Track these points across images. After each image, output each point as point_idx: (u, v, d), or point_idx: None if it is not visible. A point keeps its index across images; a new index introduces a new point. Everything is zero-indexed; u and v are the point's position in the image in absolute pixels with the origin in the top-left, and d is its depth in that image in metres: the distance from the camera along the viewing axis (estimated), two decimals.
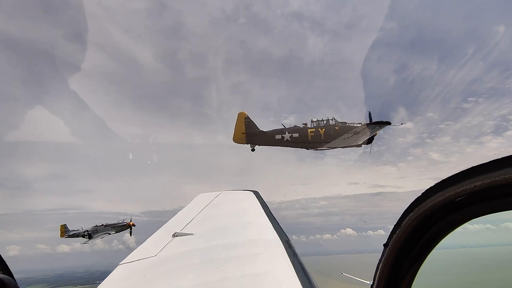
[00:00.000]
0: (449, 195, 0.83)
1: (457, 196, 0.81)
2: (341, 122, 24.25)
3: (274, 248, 2.78)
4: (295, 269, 2.31)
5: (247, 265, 2.49)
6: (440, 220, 0.90)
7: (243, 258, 2.66)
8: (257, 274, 2.32)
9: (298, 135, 23.92)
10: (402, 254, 0.98)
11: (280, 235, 3.08)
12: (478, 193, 0.78)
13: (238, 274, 2.34)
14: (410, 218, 0.93)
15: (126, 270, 2.78)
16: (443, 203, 0.85)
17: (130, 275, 2.68)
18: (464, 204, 0.83)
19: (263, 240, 3.00)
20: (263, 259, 2.58)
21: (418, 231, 0.94)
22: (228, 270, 2.43)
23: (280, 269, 2.34)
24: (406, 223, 0.94)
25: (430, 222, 0.91)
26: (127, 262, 2.93)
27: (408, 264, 0.99)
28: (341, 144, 24.31)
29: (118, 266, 2.87)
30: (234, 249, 2.92)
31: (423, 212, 0.90)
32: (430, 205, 0.87)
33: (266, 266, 2.43)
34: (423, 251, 0.97)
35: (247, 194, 5.23)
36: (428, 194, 0.88)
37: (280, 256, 2.59)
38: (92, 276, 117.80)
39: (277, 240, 2.95)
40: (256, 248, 2.85)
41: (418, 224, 0.92)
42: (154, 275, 2.61)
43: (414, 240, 0.96)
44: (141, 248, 3.30)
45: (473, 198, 0.80)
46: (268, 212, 3.98)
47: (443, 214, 0.88)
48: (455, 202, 0.83)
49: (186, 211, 4.60)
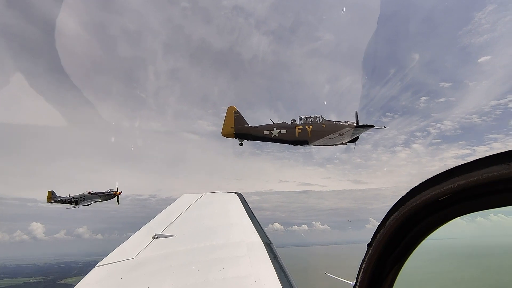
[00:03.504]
0: (434, 194, 0.84)
1: (442, 195, 0.83)
2: (328, 121, 24.59)
3: (256, 250, 2.76)
4: (276, 272, 2.29)
5: (229, 268, 2.45)
6: (424, 219, 0.91)
7: (225, 261, 2.61)
8: (238, 277, 2.29)
9: (286, 131, 24.18)
10: (386, 253, 0.99)
11: (262, 238, 3.06)
12: (462, 191, 0.80)
13: (220, 277, 2.29)
14: (394, 218, 0.94)
15: (103, 273, 2.66)
16: (427, 202, 0.86)
17: (106, 277, 2.57)
18: (447, 203, 0.85)
19: (245, 243, 2.97)
20: (245, 262, 2.55)
21: (401, 231, 0.95)
22: (209, 273, 2.38)
23: (262, 272, 2.32)
24: (390, 222, 0.94)
25: (413, 221, 0.92)
26: (103, 264, 2.81)
27: (391, 263, 1.00)
28: (326, 143, 24.83)
29: (94, 268, 2.74)
30: (215, 251, 2.87)
31: (407, 211, 0.91)
32: (414, 204, 0.88)
33: (248, 269, 2.39)
34: (406, 250, 0.98)
35: (230, 196, 5.20)
36: (412, 194, 0.89)
37: (262, 258, 2.57)
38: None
39: (259, 243, 2.93)
40: (238, 250, 2.81)
41: (402, 224, 0.93)
42: (131, 278, 2.52)
43: (397, 240, 0.97)
44: (119, 249, 3.18)
45: (457, 197, 0.82)
46: (251, 215, 3.96)
47: (427, 213, 0.89)
48: (439, 201, 0.85)
49: (167, 212, 4.49)
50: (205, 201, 5.06)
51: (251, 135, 24.64)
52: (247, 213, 4.03)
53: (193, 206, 4.73)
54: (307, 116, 24.67)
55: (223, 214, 4.28)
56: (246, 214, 4.01)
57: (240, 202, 4.68)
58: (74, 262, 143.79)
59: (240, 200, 4.81)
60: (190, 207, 4.65)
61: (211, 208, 4.65)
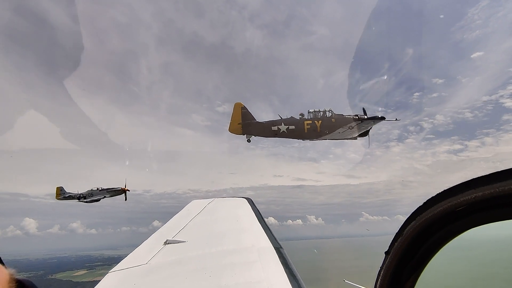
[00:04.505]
0: (451, 205, 0.86)
1: (458, 206, 0.85)
2: (337, 115, 24.04)
3: (267, 256, 2.77)
4: (288, 277, 2.30)
5: (241, 273, 2.47)
6: (441, 229, 0.93)
7: (236, 266, 2.63)
8: (251, 282, 2.30)
9: (294, 127, 23.72)
10: (403, 261, 1.01)
11: (273, 243, 3.07)
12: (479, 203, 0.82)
13: (232, 283, 2.31)
14: (412, 227, 0.96)
15: (116, 278, 2.71)
16: (444, 213, 0.88)
17: (120, 283, 2.61)
18: (463, 214, 0.87)
19: (256, 248, 2.98)
20: (257, 267, 2.56)
21: (419, 239, 0.97)
22: (221, 279, 2.40)
23: (274, 277, 2.33)
24: (408, 231, 0.97)
25: (431, 231, 0.94)
26: (117, 270, 2.86)
27: (409, 271, 1.01)
28: (336, 137, 24.34)
29: (108, 273, 2.79)
30: (227, 257, 2.89)
31: (425, 221, 0.93)
32: (431, 214, 0.90)
33: (259, 275, 2.41)
34: (424, 259, 1.00)
35: (240, 201, 5.21)
36: (430, 204, 0.92)
37: (273, 264, 2.58)
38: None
39: (270, 248, 2.94)
40: (250, 256, 2.82)
41: (420, 233, 0.95)
42: (145, 283, 2.55)
43: (415, 248, 0.99)
44: (132, 255, 3.22)
45: (473, 208, 0.84)
46: (261, 220, 3.97)
47: (445, 222, 0.91)
48: (456, 212, 0.87)
49: (178, 218, 4.53)
50: (215, 206, 5.09)
51: (258, 131, 24.21)
52: (257, 218, 4.04)
53: (203, 211, 4.77)
54: (316, 110, 24.15)
55: (233, 219, 4.30)
56: (256, 219, 4.02)
57: (250, 207, 4.70)
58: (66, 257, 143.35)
59: (250, 205, 4.83)
60: (200, 213, 4.68)
61: (221, 214, 4.68)
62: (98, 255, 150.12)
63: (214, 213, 4.70)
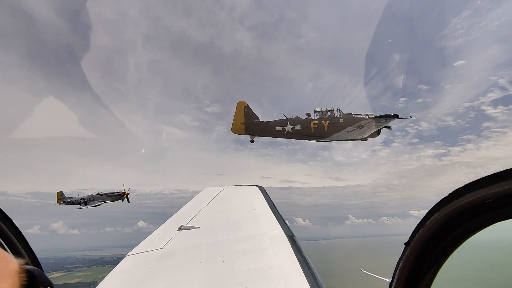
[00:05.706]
0: (480, 197, 0.82)
1: (488, 197, 0.81)
2: (346, 114, 23.10)
3: (279, 243, 2.79)
4: (300, 264, 2.31)
5: (253, 259, 2.50)
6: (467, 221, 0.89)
7: (248, 253, 2.66)
8: (263, 268, 2.33)
9: (300, 127, 22.89)
10: (424, 253, 0.98)
11: (285, 231, 3.08)
12: (509, 196, 0.77)
13: (244, 268, 2.35)
14: (435, 218, 0.92)
15: (133, 262, 2.80)
16: (472, 204, 0.84)
17: (137, 266, 2.70)
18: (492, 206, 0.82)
19: (268, 235, 3.01)
20: (269, 254, 2.58)
21: (442, 231, 0.93)
22: (234, 264, 2.44)
23: (286, 264, 2.35)
24: (431, 222, 0.93)
25: (456, 223, 0.91)
26: (133, 254, 2.95)
27: (430, 263, 0.99)
28: (344, 137, 23.36)
29: (125, 257, 2.89)
30: (239, 243, 2.93)
31: (449, 212, 0.89)
32: (457, 206, 0.87)
33: (271, 261, 2.43)
34: (446, 251, 0.97)
35: (252, 189, 5.25)
36: (456, 195, 0.88)
37: (285, 251, 2.60)
38: None
39: (282, 236, 2.96)
40: (262, 243, 2.85)
41: (443, 224, 0.91)
42: (160, 267, 2.63)
43: (437, 240, 0.96)
44: (148, 240, 3.32)
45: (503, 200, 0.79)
46: (273, 207, 3.99)
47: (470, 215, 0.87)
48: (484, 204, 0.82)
49: (191, 205, 4.62)
50: (228, 194, 5.15)
51: (263, 131, 23.37)
52: (269, 206, 4.07)
53: (216, 198, 4.83)
54: (323, 110, 23.20)
55: (246, 206, 4.34)
56: (268, 207, 4.05)
57: (262, 195, 4.73)
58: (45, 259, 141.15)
59: (262, 193, 4.85)
60: (213, 200, 4.75)
61: (234, 201, 4.73)
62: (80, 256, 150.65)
63: (227, 201, 4.76)
